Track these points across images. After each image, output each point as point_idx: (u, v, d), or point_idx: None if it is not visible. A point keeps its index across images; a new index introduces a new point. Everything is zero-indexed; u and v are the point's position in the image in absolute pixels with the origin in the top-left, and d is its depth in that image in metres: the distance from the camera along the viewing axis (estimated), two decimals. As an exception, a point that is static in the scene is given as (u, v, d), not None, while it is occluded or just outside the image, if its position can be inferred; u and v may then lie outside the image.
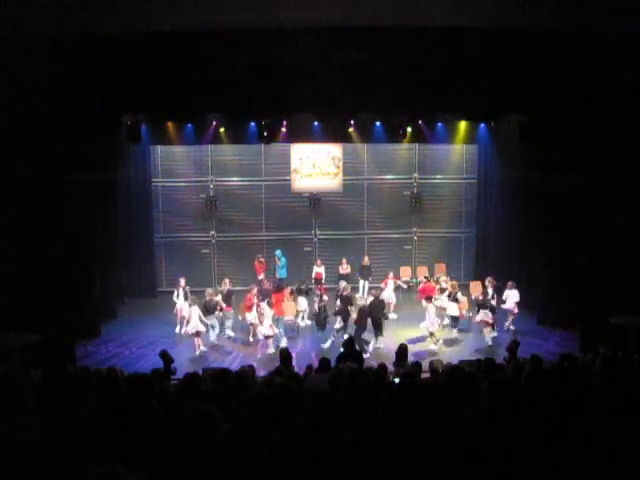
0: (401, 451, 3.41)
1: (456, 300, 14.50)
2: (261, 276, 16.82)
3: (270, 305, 13.90)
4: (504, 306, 14.78)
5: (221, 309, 14.17)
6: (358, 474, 3.38)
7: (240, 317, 14.85)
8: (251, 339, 14.33)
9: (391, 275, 16.35)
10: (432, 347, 13.57)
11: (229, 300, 14.68)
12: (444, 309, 14.53)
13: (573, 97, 12.12)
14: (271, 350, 13.35)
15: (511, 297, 14.73)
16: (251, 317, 14.15)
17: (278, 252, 17.37)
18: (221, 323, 14.57)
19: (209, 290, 14.45)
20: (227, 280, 15.23)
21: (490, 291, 14.75)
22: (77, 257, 12.98)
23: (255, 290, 14.52)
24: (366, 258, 17.48)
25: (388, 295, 15.62)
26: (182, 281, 15.24)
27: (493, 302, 14.29)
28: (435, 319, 13.88)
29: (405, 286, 17.12)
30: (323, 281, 16.88)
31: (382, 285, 15.95)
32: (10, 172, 11.37)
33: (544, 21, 10.19)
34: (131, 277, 17.39)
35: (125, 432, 3.79)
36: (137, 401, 4.04)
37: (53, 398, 5.61)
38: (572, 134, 12.96)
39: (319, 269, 17.25)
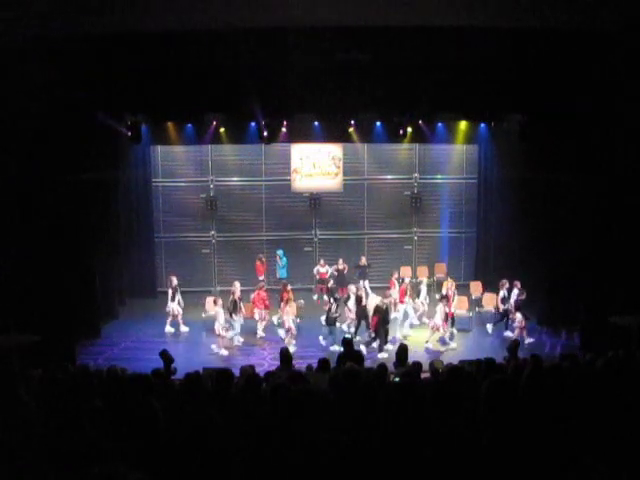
0: (401, 451, 3.41)
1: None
2: (262, 277, 16.76)
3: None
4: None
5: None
6: (358, 475, 3.38)
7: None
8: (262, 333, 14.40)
9: (395, 275, 16.29)
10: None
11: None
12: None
13: (573, 97, 12.12)
14: (292, 345, 13.25)
15: (513, 297, 14.77)
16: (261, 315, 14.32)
17: (280, 252, 17.41)
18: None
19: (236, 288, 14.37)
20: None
21: (502, 293, 14.64)
22: (77, 257, 12.97)
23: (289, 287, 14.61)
24: (363, 258, 17.44)
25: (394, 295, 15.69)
26: (174, 280, 15.14)
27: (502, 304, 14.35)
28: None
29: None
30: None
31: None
32: (10, 172, 11.36)
33: (544, 21, 10.19)
34: (131, 277, 17.37)
35: (125, 432, 3.79)
36: (137, 401, 4.05)
37: (53, 398, 5.61)
38: (572, 134, 12.96)
39: (323, 269, 17.31)
